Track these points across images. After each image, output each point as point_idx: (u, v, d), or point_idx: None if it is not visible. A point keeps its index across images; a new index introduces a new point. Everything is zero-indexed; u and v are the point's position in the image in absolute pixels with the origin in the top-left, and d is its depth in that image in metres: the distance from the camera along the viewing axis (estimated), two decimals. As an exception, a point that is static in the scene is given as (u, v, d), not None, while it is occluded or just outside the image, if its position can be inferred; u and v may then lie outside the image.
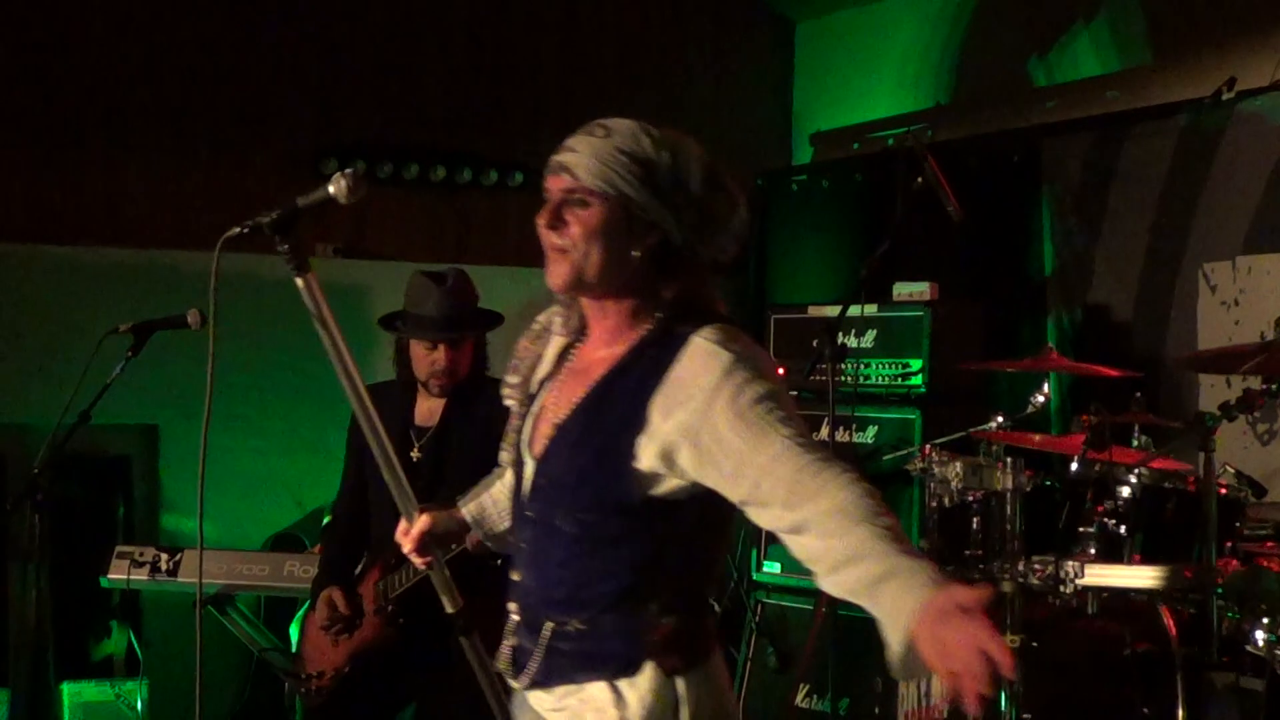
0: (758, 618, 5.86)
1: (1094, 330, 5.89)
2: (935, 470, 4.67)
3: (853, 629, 5.05)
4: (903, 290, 5.67)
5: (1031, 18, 6.54)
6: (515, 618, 2.58)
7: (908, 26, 7.14)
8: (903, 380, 5.54)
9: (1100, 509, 4.34)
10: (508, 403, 2.71)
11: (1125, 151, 5.80)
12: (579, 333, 2.61)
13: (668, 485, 2.39)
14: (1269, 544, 4.34)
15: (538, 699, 2.56)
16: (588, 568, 2.45)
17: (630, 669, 2.43)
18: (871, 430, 5.58)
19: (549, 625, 2.48)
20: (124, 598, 5.97)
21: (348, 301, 6.64)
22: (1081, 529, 4.35)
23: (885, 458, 5.37)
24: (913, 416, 5.46)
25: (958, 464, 4.61)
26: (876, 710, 4.78)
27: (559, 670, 2.49)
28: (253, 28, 6.70)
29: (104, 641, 6.14)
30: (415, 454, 4.21)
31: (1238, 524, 4.27)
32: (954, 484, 4.60)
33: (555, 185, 2.43)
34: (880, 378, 5.60)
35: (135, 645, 6.01)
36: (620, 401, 2.42)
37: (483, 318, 4.28)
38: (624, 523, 2.42)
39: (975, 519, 4.67)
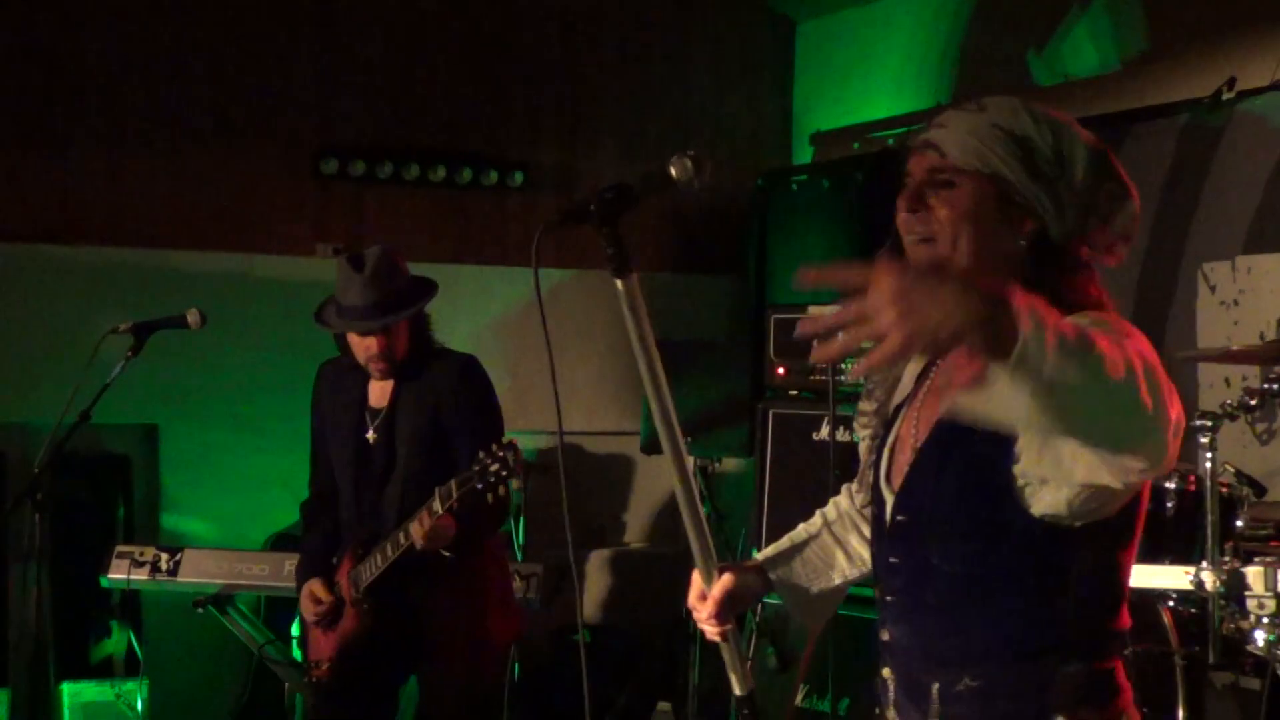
0: (758, 618, 5.86)
1: (1094, 330, 5.89)
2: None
3: (853, 629, 5.05)
4: (903, 290, 5.66)
5: (1031, 17, 6.54)
6: (890, 683, 2.24)
7: (908, 26, 7.13)
8: (903, 380, 5.54)
9: (1100, 509, 4.33)
10: (861, 433, 2.32)
11: (1125, 151, 5.80)
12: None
13: (1057, 497, 2.00)
14: (1270, 543, 4.34)
15: None
16: (976, 611, 2.09)
17: None
18: (871, 430, 5.57)
19: (935, 686, 2.13)
20: (124, 598, 5.97)
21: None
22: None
23: (885, 458, 5.36)
24: (913, 416, 5.46)
25: (958, 464, 4.60)
26: (877, 710, 4.77)
27: None
28: (253, 28, 6.70)
29: (104, 641, 6.14)
30: (371, 435, 4.21)
31: (1238, 523, 4.27)
32: (954, 484, 4.59)
33: (919, 165, 2.17)
34: (880, 378, 5.59)
35: (135, 645, 6.01)
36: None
37: (409, 297, 4.17)
38: (1012, 550, 2.06)
39: (975, 519, 4.67)
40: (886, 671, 2.24)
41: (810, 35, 7.76)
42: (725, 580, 2.40)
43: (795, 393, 5.93)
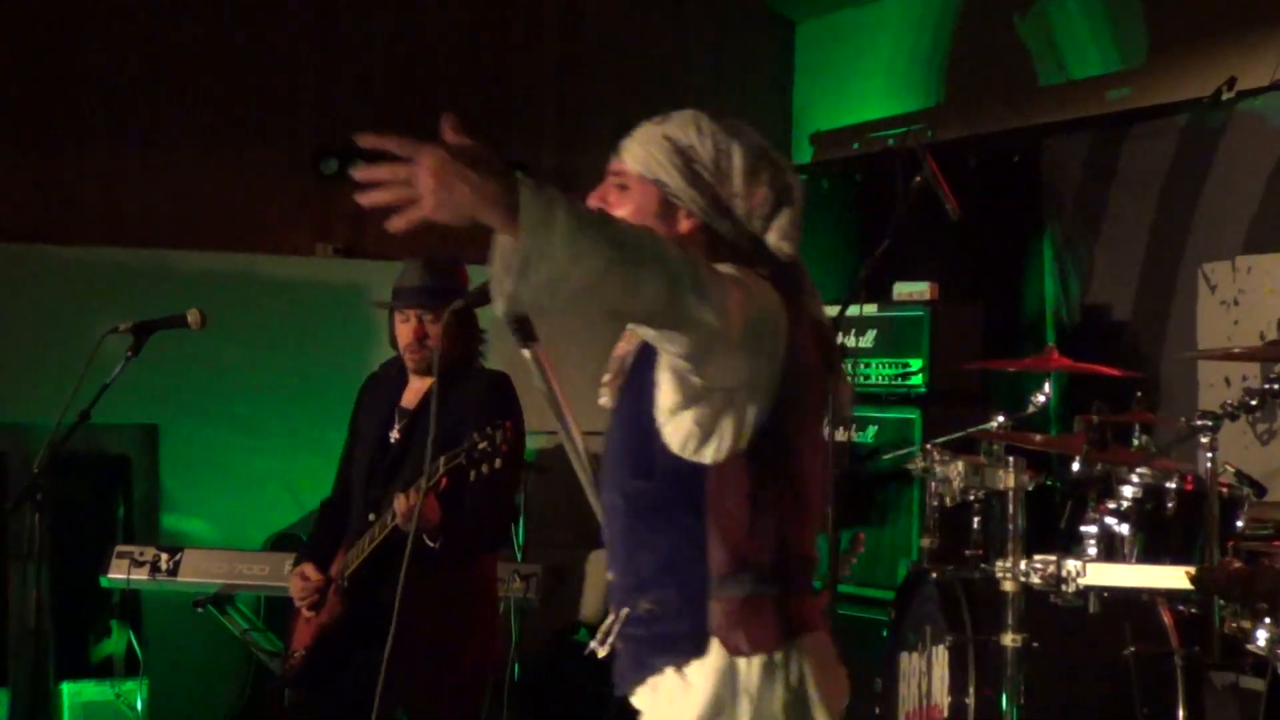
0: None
1: (1094, 330, 5.89)
2: (936, 470, 4.67)
3: (853, 629, 5.05)
4: (903, 290, 5.67)
5: (1031, 17, 6.54)
6: (616, 616, 2.48)
7: (907, 26, 7.13)
8: (903, 380, 5.55)
9: (1101, 508, 4.34)
10: (601, 402, 2.62)
11: (1125, 151, 5.80)
12: None
13: (685, 421, 2.31)
14: (1270, 543, 4.34)
15: (640, 701, 2.45)
16: (642, 541, 2.41)
17: (699, 650, 2.34)
18: (871, 430, 5.58)
19: (625, 613, 2.43)
20: (124, 598, 5.97)
21: (348, 301, 6.64)
22: (1082, 528, 4.35)
23: (885, 458, 5.37)
24: (913, 416, 5.46)
25: (959, 463, 4.61)
26: (877, 710, 4.78)
27: (638, 660, 2.41)
28: (253, 28, 6.70)
29: (104, 641, 6.14)
30: (395, 435, 4.22)
31: (1238, 523, 4.27)
32: (955, 483, 4.60)
33: (609, 168, 2.49)
34: (880, 378, 5.60)
35: (135, 645, 6.00)
36: (645, 358, 2.40)
37: (459, 291, 4.19)
38: (663, 486, 2.37)
39: (976, 518, 4.67)
40: (612, 607, 2.50)
41: (810, 35, 7.76)
42: None
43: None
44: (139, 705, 5.56)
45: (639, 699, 2.44)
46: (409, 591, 4.00)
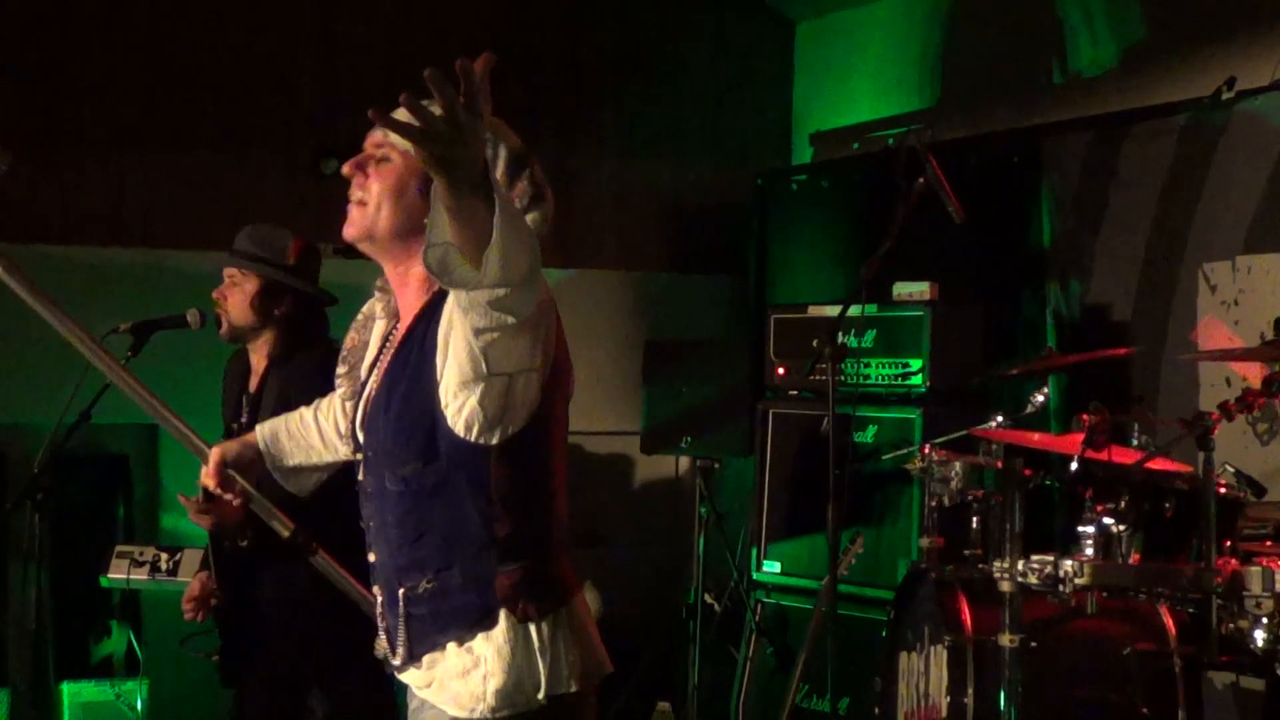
0: (757, 618, 5.86)
1: (1094, 330, 5.89)
2: (935, 470, 4.67)
3: (853, 629, 5.05)
4: (903, 290, 5.67)
5: (1030, 17, 6.54)
6: (379, 600, 2.62)
7: (907, 26, 7.13)
8: (903, 380, 5.54)
9: (1100, 508, 4.33)
10: (339, 394, 2.83)
11: (1125, 151, 5.80)
12: (397, 315, 2.69)
13: (470, 403, 2.41)
14: (1269, 543, 4.34)
15: (413, 678, 2.59)
16: (419, 522, 2.49)
17: (486, 621, 2.47)
18: (871, 430, 5.58)
19: (402, 593, 2.52)
20: (124, 598, 5.97)
21: (347, 301, 6.63)
22: (1081, 528, 4.35)
23: (885, 458, 5.36)
24: (913, 416, 5.46)
25: (957, 464, 4.61)
26: (876, 710, 4.78)
27: (421, 637, 2.52)
28: (253, 28, 6.70)
29: (104, 641, 6.14)
30: (241, 422, 4.18)
31: (1238, 523, 4.27)
32: (954, 484, 4.61)
33: (369, 140, 2.61)
34: (880, 378, 5.60)
35: (135, 645, 6.01)
36: (414, 348, 2.49)
37: (268, 260, 4.15)
38: (444, 467, 2.46)
39: (975, 518, 4.68)
40: (375, 590, 2.63)
41: (809, 35, 7.76)
42: (214, 452, 3.01)
43: (795, 393, 5.93)
44: (139, 705, 5.57)
45: (412, 676, 2.58)
46: (273, 585, 3.97)
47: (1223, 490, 4.21)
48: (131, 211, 6.49)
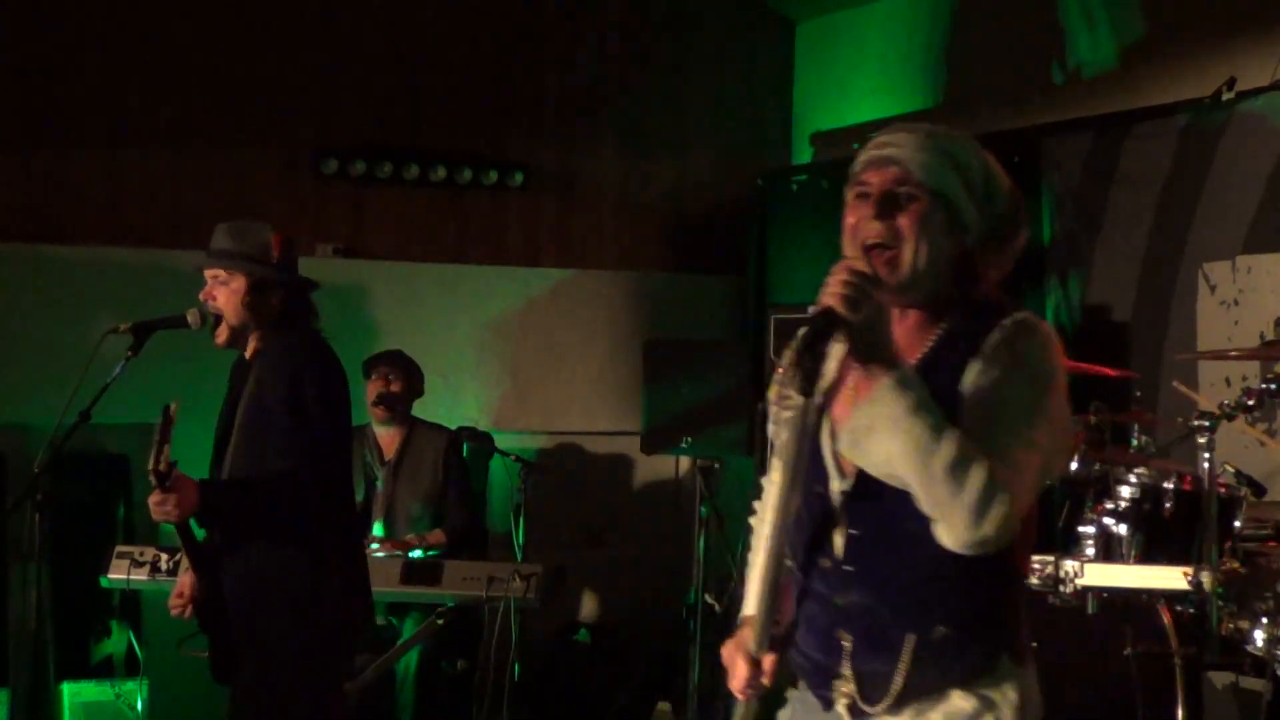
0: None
1: (1094, 330, 5.89)
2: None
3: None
4: (903, 290, 5.66)
5: (1030, 17, 6.54)
6: (847, 644, 2.44)
7: (907, 26, 7.14)
8: (903, 380, 5.54)
9: (1100, 509, 4.34)
10: (785, 415, 2.54)
11: (1125, 151, 5.80)
12: None
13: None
14: (1269, 543, 4.34)
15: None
16: (946, 566, 2.35)
17: (992, 665, 2.39)
18: (871, 430, 5.57)
19: (910, 638, 2.39)
20: (124, 598, 5.97)
21: (348, 301, 6.65)
22: (1081, 529, 4.35)
23: (885, 458, 5.36)
24: (913, 416, 5.45)
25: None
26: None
27: (919, 682, 2.40)
28: (252, 27, 6.70)
29: (104, 641, 6.14)
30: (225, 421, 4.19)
31: (1237, 523, 4.27)
32: (954, 484, 4.60)
33: (880, 178, 2.40)
34: (880, 378, 5.59)
35: (135, 645, 6.00)
36: (940, 386, 2.35)
37: (252, 257, 4.08)
38: None
39: (975, 519, 4.66)
40: (842, 634, 2.44)
41: (809, 35, 7.76)
42: (771, 658, 2.56)
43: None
44: (139, 705, 5.57)
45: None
46: (236, 572, 3.96)
47: (1223, 490, 4.21)
48: (131, 211, 6.49)
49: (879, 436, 2.31)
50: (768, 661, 2.53)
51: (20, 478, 5.58)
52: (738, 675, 2.55)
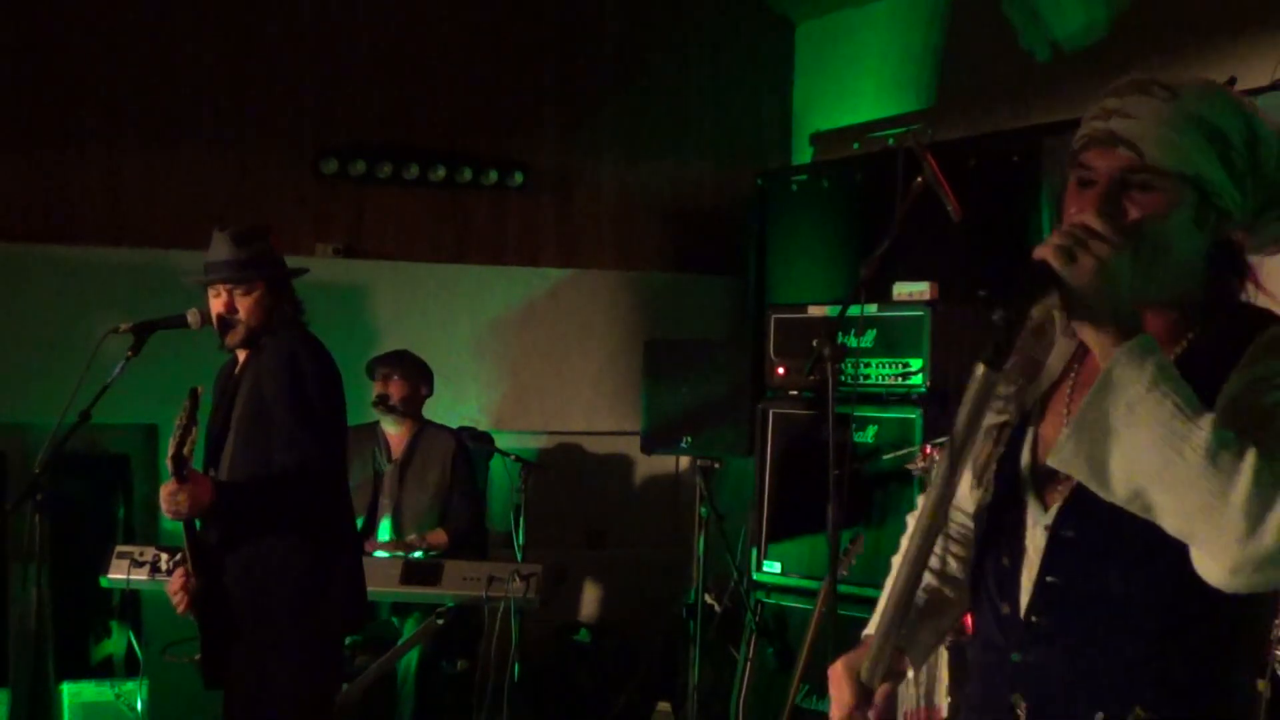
0: (758, 618, 5.86)
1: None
2: (936, 470, 4.66)
3: (853, 629, 5.04)
4: (903, 290, 5.66)
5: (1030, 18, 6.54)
6: (1022, 711, 1.98)
7: (907, 26, 7.13)
8: (903, 380, 5.54)
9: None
10: (1000, 418, 2.05)
11: (1125, 151, 5.80)
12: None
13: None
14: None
15: None
16: (1160, 638, 1.89)
17: None
18: (871, 430, 5.57)
19: (1099, 716, 1.91)
20: (124, 598, 5.97)
21: (348, 301, 6.65)
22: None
23: (885, 458, 5.36)
24: (913, 416, 5.45)
25: (958, 464, 4.60)
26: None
27: None
28: (252, 27, 6.70)
29: (104, 641, 6.14)
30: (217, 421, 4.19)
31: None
32: (954, 484, 4.59)
33: (1107, 162, 1.91)
34: (880, 377, 5.59)
35: (135, 645, 6.00)
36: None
37: (269, 262, 4.12)
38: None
39: (975, 519, 4.67)
40: (1017, 698, 1.98)
41: (809, 35, 7.76)
42: (884, 690, 2.15)
43: (795, 393, 5.93)
44: (139, 705, 5.56)
45: None
46: (239, 569, 3.96)
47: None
48: (130, 211, 6.49)
49: (1113, 434, 1.76)
50: (880, 694, 2.13)
51: (20, 478, 5.58)
52: (840, 701, 2.16)
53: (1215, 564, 1.75)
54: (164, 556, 5.41)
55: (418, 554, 5.81)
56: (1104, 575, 1.91)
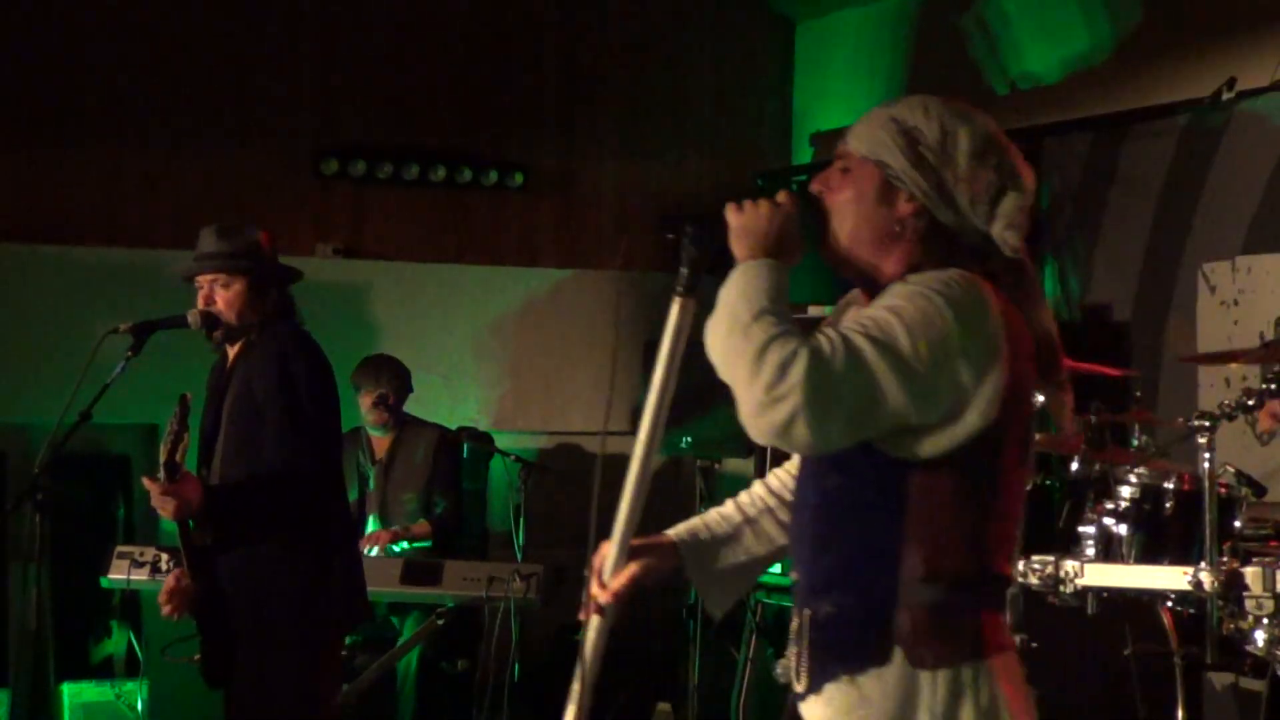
0: (758, 618, 5.86)
1: (1094, 330, 5.89)
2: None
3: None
4: (902, 290, 5.67)
5: (1031, 17, 6.54)
6: (794, 621, 2.35)
7: (907, 26, 7.13)
8: (902, 380, 5.55)
9: (1100, 509, 4.33)
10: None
11: (1125, 151, 5.80)
12: None
13: (918, 437, 2.17)
14: (1269, 543, 4.34)
15: (812, 711, 2.27)
16: (829, 540, 2.27)
17: (880, 658, 2.18)
18: (871, 430, 5.58)
19: (807, 614, 2.27)
20: (124, 598, 5.97)
21: (348, 301, 6.65)
22: (1081, 529, 4.35)
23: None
24: (912, 416, 5.46)
25: (957, 464, 4.60)
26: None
27: (821, 666, 2.24)
28: (253, 27, 6.70)
29: (104, 641, 6.14)
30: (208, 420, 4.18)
31: (1237, 524, 4.27)
32: (954, 484, 4.59)
33: (836, 152, 2.41)
34: (880, 378, 5.60)
35: (135, 645, 6.00)
36: None
37: (256, 257, 4.08)
38: (862, 482, 2.23)
39: (975, 519, 4.66)
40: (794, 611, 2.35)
41: (809, 35, 7.76)
42: (633, 569, 2.71)
43: (795, 393, 5.92)
44: (139, 706, 5.56)
45: (810, 708, 2.27)
46: (235, 569, 3.96)
47: (1223, 490, 4.21)
48: (130, 211, 6.49)
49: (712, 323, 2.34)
50: (625, 575, 2.71)
51: (20, 478, 5.58)
52: (600, 596, 2.73)
53: (743, 418, 2.31)
54: (164, 557, 5.40)
55: (402, 545, 5.82)
56: (806, 490, 2.38)
